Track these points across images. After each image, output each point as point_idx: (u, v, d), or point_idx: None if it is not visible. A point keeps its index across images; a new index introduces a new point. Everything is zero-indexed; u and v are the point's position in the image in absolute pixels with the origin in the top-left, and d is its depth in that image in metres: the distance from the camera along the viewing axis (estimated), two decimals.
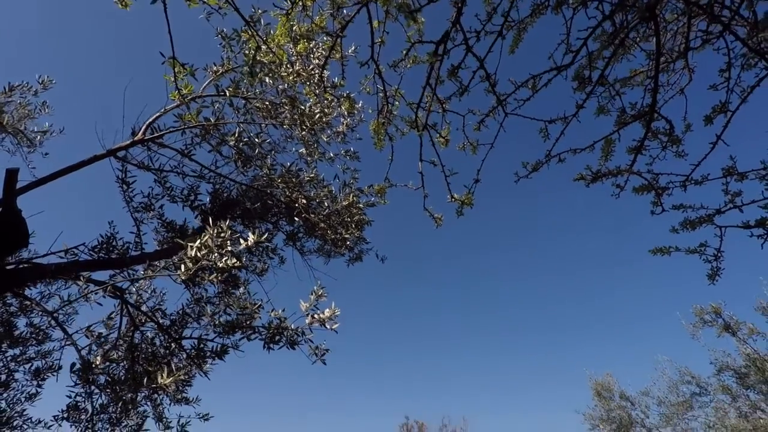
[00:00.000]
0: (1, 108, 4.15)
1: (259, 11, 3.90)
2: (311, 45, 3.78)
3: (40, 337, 4.66)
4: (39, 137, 5.29)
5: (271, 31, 3.73)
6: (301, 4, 3.61)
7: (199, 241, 2.68)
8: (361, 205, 5.00)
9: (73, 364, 3.13)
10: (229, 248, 2.66)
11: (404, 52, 3.57)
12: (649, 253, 4.00)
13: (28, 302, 4.37)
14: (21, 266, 3.55)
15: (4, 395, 4.83)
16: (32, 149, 5.27)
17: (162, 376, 2.55)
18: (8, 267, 3.47)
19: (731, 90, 3.26)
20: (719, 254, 3.52)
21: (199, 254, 2.60)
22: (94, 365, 3.05)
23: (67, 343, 3.32)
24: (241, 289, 4.69)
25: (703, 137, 3.42)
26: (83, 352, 3.19)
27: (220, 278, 2.97)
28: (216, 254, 2.62)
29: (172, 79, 2.46)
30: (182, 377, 2.70)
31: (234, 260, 2.88)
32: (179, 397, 4.61)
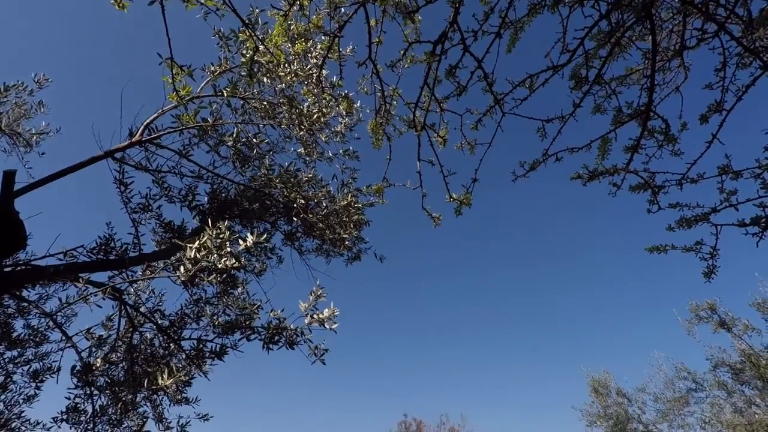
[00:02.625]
0: None
1: (257, 11, 3.90)
2: (309, 44, 3.78)
3: (37, 339, 4.64)
4: (36, 137, 5.26)
5: (269, 31, 3.73)
6: (298, 3, 3.61)
7: (198, 242, 2.69)
8: (359, 206, 5.00)
9: (73, 367, 3.12)
10: (228, 249, 2.67)
11: (402, 52, 3.57)
12: (646, 251, 4.04)
13: (25, 304, 4.35)
14: (18, 268, 3.54)
15: (2, 397, 4.82)
16: (28, 149, 5.24)
17: (162, 377, 2.55)
18: (6, 269, 3.45)
19: (726, 89, 3.28)
20: (715, 252, 3.55)
21: (198, 255, 2.60)
22: (94, 367, 3.04)
23: (68, 345, 3.32)
24: (240, 289, 4.69)
25: (699, 136, 3.45)
26: (83, 355, 3.18)
27: (219, 279, 2.97)
28: (215, 255, 2.62)
29: (170, 80, 2.46)
30: (182, 378, 2.70)
31: (233, 261, 2.89)
32: (179, 397, 4.61)
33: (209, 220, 2.80)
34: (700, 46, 4.00)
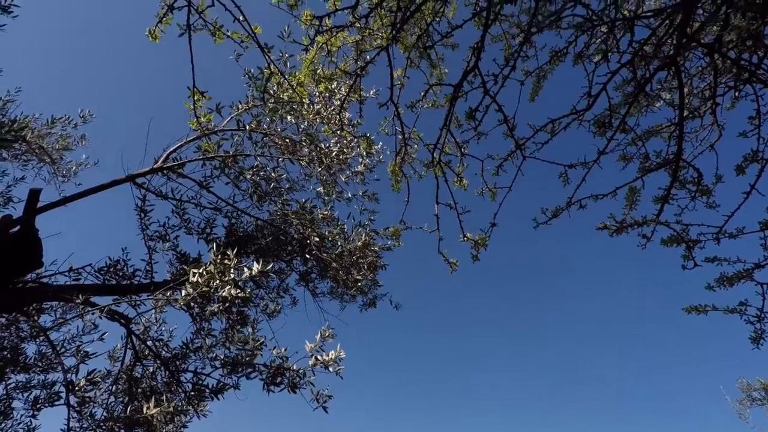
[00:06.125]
0: (26, 126, 4.36)
1: (286, 55, 4.11)
2: (333, 86, 3.92)
3: (44, 365, 4.58)
4: (75, 168, 5.58)
5: (295, 72, 3.89)
6: (326, 49, 3.78)
7: (203, 267, 2.65)
8: (375, 248, 4.91)
9: (53, 383, 3.02)
10: (232, 276, 2.60)
11: (422, 93, 3.63)
12: (683, 312, 3.69)
13: (35, 328, 4.36)
14: (27, 285, 3.58)
15: (2, 425, 4.71)
16: (66, 179, 5.54)
17: (149, 406, 2.41)
18: (18, 286, 3.50)
19: (764, 139, 3.11)
20: (762, 315, 3.20)
21: (199, 280, 2.55)
22: (77, 387, 2.94)
23: (55, 361, 3.25)
24: (249, 329, 4.56)
25: (736, 188, 3.23)
26: (69, 374, 3.09)
27: (222, 308, 2.88)
28: (218, 281, 2.56)
29: (192, 107, 2.54)
30: (171, 410, 2.55)
31: (238, 291, 2.81)
32: None
33: (215, 245, 2.77)
34: (734, 106, 3.89)
